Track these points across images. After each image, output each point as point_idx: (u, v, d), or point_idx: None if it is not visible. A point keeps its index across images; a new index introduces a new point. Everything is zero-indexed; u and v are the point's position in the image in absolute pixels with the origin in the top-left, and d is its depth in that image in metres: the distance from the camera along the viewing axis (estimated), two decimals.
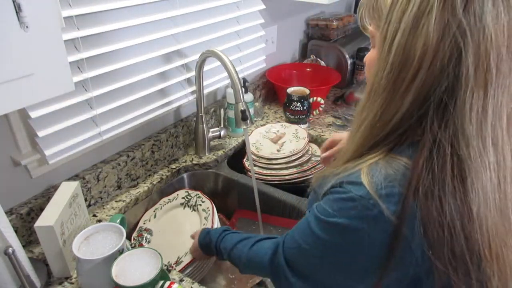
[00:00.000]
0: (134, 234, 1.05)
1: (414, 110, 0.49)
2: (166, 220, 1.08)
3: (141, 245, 1.02)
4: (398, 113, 0.50)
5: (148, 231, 1.05)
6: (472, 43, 0.44)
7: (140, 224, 1.07)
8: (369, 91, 0.54)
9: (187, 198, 1.09)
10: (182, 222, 1.05)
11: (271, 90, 1.59)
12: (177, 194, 1.10)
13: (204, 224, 0.99)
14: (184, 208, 1.08)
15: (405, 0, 0.48)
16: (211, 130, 1.24)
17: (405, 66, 0.48)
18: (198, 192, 1.07)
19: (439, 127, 0.47)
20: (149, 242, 1.03)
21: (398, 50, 0.48)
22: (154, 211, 1.09)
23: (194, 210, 1.05)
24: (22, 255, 0.72)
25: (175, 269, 0.89)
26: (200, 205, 1.04)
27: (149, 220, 1.08)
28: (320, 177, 0.63)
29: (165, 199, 1.11)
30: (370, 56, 0.62)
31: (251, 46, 1.35)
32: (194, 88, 1.17)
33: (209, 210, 1.00)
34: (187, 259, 0.92)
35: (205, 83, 1.16)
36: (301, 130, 1.33)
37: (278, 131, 1.35)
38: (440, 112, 0.47)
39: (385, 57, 0.50)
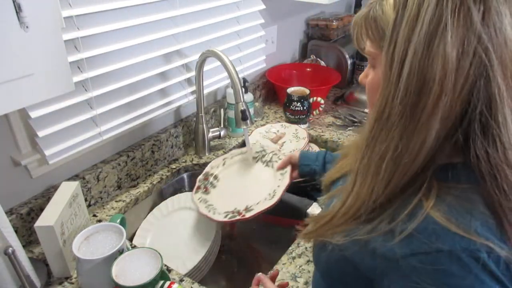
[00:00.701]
0: (200, 177, 1.05)
1: (448, 135, 0.45)
2: (235, 170, 1.06)
3: (206, 189, 1.02)
4: (427, 142, 0.45)
5: (215, 176, 1.04)
6: (497, 58, 0.41)
7: (207, 169, 1.07)
8: (378, 118, 0.48)
9: (261, 153, 1.07)
10: (252, 173, 1.04)
11: (271, 90, 1.59)
12: (251, 148, 1.09)
13: (279, 180, 0.97)
14: (256, 162, 1.06)
15: (412, 18, 0.43)
16: (211, 130, 1.24)
17: (424, 91, 0.43)
18: (274, 149, 1.05)
19: (487, 148, 0.44)
20: (214, 187, 1.03)
21: (411, 74, 0.43)
22: (224, 159, 1.08)
23: (268, 166, 1.03)
24: (22, 255, 0.72)
25: (245, 215, 0.91)
26: (276, 161, 1.02)
27: (217, 167, 1.06)
28: (333, 233, 0.54)
29: (237, 150, 1.10)
30: (372, 79, 0.55)
31: (251, 46, 1.35)
32: (194, 88, 1.17)
33: (286, 168, 0.98)
34: (258, 207, 0.91)
35: (205, 83, 1.16)
36: (301, 130, 1.33)
37: (278, 131, 1.35)
38: (482, 132, 0.44)
39: (396, 81, 0.45)
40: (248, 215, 0.91)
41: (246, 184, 1.03)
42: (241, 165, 1.08)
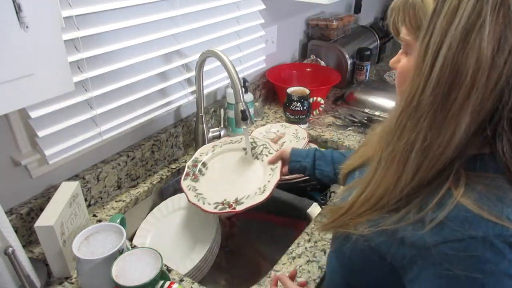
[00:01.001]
0: (189, 163, 1.04)
1: (478, 130, 0.46)
2: (224, 158, 1.06)
3: (195, 176, 1.02)
4: (456, 135, 0.45)
5: (203, 164, 1.04)
6: None
7: (196, 155, 1.07)
8: (406, 107, 0.48)
9: (252, 144, 1.06)
10: (242, 164, 1.03)
11: (271, 90, 1.59)
12: (241, 139, 1.08)
13: (270, 175, 0.97)
14: (246, 154, 1.06)
15: (451, 10, 0.43)
16: (211, 130, 1.24)
17: (456, 83, 0.43)
18: (265, 143, 1.05)
19: None
20: (203, 174, 1.03)
21: (444, 66, 0.43)
22: (213, 147, 1.07)
23: (257, 159, 1.03)
24: (22, 255, 0.72)
25: (235, 208, 0.90)
26: (267, 155, 1.02)
27: (206, 154, 1.06)
28: (359, 223, 0.54)
29: (227, 139, 1.09)
30: (405, 65, 0.55)
31: (251, 46, 1.35)
32: (194, 88, 1.17)
33: (277, 163, 0.98)
34: (249, 202, 0.91)
35: (205, 83, 1.16)
36: (301, 130, 1.33)
37: (278, 131, 1.35)
38: (510, 129, 0.45)
39: (428, 71, 0.45)
40: (238, 208, 0.90)
41: (235, 175, 1.02)
42: (230, 154, 1.07)
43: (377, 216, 0.52)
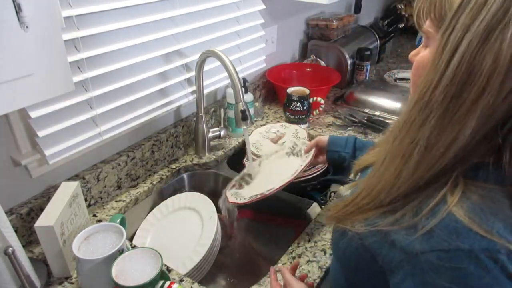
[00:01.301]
0: (237, 178, 1.08)
1: (487, 136, 0.44)
2: (269, 166, 1.10)
3: (240, 186, 1.06)
4: (459, 138, 0.44)
5: (249, 175, 1.08)
6: None
7: (245, 171, 1.10)
8: (418, 101, 0.46)
9: (292, 147, 1.10)
10: (284, 166, 1.06)
11: (271, 90, 1.59)
12: (283, 143, 1.15)
13: (303, 160, 1.01)
14: (289, 157, 1.09)
15: (478, 6, 0.41)
16: (211, 130, 1.24)
17: (468, 83, 0.42)
18: (305, 142, 1.08)
19: None
20: (248, 184, 1.06)
21: (461, 63, 0.42)
22: (260, 162, 1.12)
23: (298, 156, 1.06)
24: (22, 255, 0.72)
25: (264, 193, 0.93)
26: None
27: (254, 168, 1.10)
28: (354, 220, 0.54)
29: (272, 149, 1.15)
30: (422, 58, 0.52)
31: (251, 46, 1.35)
32: (194, 88, 1.17)
33: (311, 151, 1.02)
34: (278, 184, 0.94)
35: (205, 83, 1.16)
36: (301, 130, 1.33)
37: (278, 131, 1.35)
38: None
39: (444, 67, 0.43)
40: (267, 192, 0.93)
41: (277, 175, 1.04)
42: (275, 162, 1.11)
43: (375, 215, 0.52)
